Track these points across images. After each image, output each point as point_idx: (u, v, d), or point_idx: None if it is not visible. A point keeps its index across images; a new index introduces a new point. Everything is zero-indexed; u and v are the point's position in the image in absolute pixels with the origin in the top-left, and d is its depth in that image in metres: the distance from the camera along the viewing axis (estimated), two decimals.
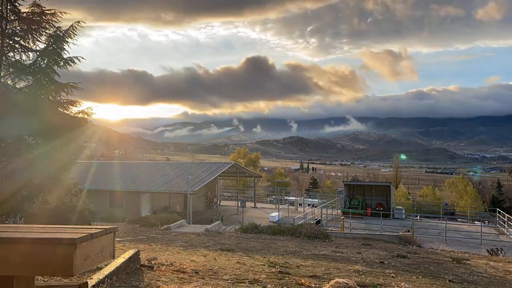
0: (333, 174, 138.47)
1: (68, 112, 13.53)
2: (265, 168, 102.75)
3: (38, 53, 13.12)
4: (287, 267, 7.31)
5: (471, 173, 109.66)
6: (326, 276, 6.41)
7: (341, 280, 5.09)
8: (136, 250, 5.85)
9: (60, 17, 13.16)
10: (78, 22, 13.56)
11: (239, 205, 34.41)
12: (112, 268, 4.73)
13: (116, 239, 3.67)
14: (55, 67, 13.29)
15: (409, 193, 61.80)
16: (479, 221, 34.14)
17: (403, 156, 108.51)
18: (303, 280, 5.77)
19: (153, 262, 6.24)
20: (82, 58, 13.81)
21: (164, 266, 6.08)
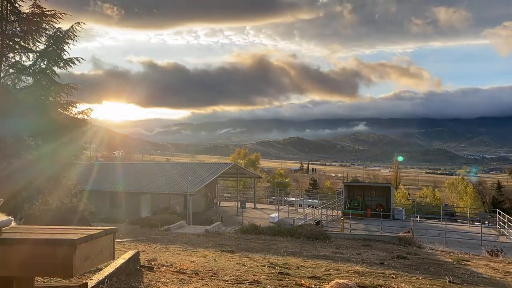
0: (333, 175, 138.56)
1: (68, 113, 13.55)
2: (265, 169, 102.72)
3: (38, 54, 13.11)
4: (287, 268, 7.30)
5: (471, 174, 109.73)
6: (326, 277, 6.41)
7: (341, 281, 5.09)
8: (136, 251, 5.85)
9: (60, 18, 13.18)
10: (78, 23, 13.57)
11: (239, 206, 34.45)
12: (112, 269, 4.73)
13: (116, 240, 3.67)
14: (55, 68, 13.30)
15: (408, 194, 61.81)
16: (479, 222, 34.17)
17: (400, 158, 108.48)
18: (303, 281, 5.76)
19: (153, 263, 6.24)
20: (82, 59, 13.82)
21: (164, 267, 6.07)
